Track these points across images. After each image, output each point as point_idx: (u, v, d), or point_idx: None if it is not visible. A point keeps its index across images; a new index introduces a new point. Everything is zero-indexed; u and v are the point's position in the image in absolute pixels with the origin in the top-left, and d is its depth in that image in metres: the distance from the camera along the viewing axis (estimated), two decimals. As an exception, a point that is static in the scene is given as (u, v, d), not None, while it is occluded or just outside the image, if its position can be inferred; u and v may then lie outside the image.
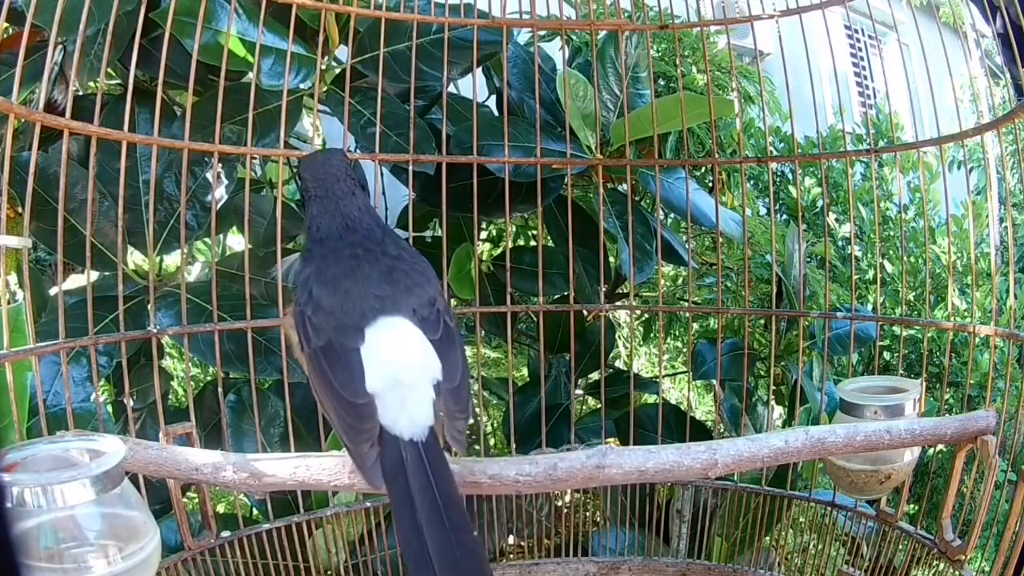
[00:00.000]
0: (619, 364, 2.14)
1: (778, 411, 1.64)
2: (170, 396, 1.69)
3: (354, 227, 0.77)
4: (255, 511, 1.21)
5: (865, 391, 0.99)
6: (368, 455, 0.65)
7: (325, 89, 1.24)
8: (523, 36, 1.55)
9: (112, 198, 1.13)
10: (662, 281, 1.77)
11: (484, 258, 1.69)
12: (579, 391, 1.63)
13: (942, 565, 0.97)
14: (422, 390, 0.67)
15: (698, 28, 1.37)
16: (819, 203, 2.09)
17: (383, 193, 1.28)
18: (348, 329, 0.69)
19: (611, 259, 1.57)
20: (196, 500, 1.02)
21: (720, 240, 1.45)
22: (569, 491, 1.42)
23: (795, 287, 1.38)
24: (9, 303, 0.83)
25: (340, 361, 0.68)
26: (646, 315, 2.03)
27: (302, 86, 1.20)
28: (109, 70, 1.26)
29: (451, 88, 1.38)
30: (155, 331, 1.00)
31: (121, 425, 1.20)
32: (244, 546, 1.02)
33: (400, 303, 0.71)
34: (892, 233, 2.12)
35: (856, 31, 4.60)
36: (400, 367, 0.68)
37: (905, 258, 1.79)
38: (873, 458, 0.96)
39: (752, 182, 2.12)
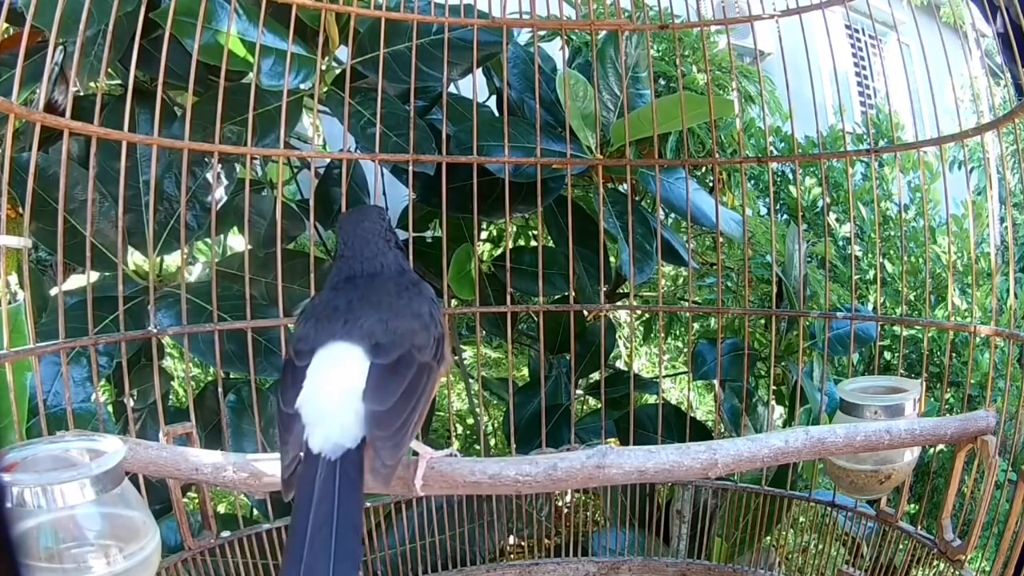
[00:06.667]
0: (619, 364, 2.14)
1: (778, 411, 1.64)
2: (170, 396, 1.70)
3: (366, 273, 0.79)
4: (255, 511, 1.21)
5: (865, 391, 0.99)
6: (287, 466, 0.68)
7: (325, 89, 1.24)
8: (523, 36, 1.55)
9: (112, 198, 1.14)
10: (662, 281, 1.77)
11: (484, 258, 1.69)
12: (579, 391, 1.63)
13: (942, 565, 0.97)
14: (339, 409, 0.68)
15: (698, 28, 1.38)
16: (819, 203, 2.09)
17: (383, 193, 1.28)
18: (304, 351, 0.73)
19: (611, 259, 1.57)
20: (196, 500, 1.02)
21: (720, 240, 1.45)
22: (569, 491, 1.43)
23: (795, 287, 1.38)
24: (9, 303, 0.83)
25: (288, 376, 0.72)
26: (646, 315, 2.03)
27: (302, 86, 1.20)
28: (109, 70, 1.26)
29: (451, 88, 1.38)
30: (155, 331, 1.00)
31: (121, 425, 1.20)
32: (244, 546, 1.02)
33: (359, 332, 0.72)
34: (892, 233, 2.12)
35: (856, 31, 4.61)
36: (321, 386, 0.70)
37: (905, 258, 1.79)
38: (873, 458, 0.96)
39: (752, 182, 2.12)
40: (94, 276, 1.19)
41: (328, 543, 0.61)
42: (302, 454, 0.67)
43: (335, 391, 0.69)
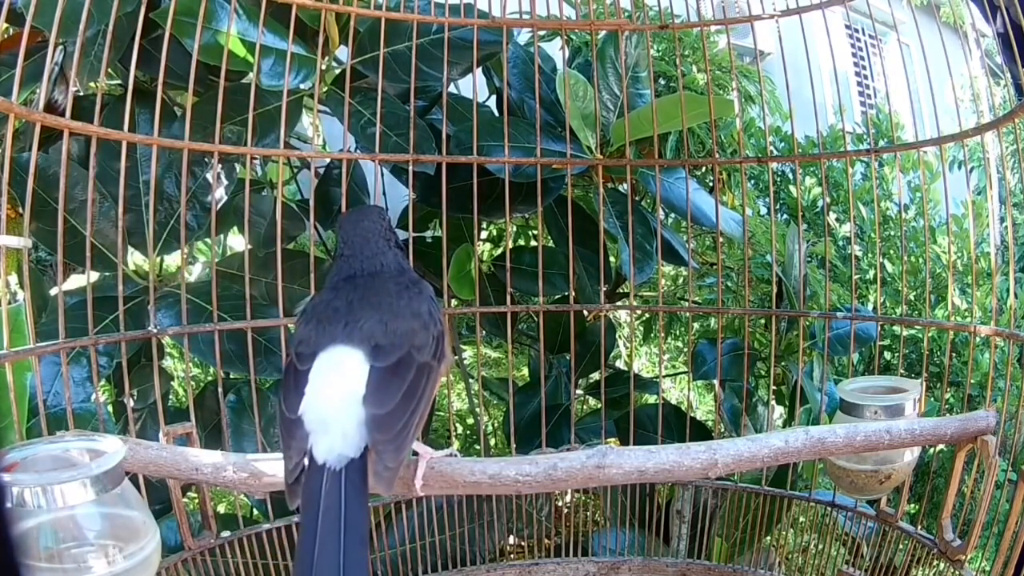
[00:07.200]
0: (619, 364, 2.14)
1: (778, 411, 1.64)
2: (170, 396, 1.70)
3: (366, 273, 0.80)
4: (255, 511, 1.21)
5: (865, 391, 0.99)
6: (291, 471, 0.67)
7: (325, 89, 1.24)
8: (523, 36, 1.55)
9: (112, 199, 1.14)
10: (662, 281, 1.77)
11: (484, 258, 1.69)
12: (579, 391, 1.63)
13: (942, 565, 0.97)
14: (341, 416, 0.68)
15: (698, 28, 1.37)
16: (819, 203, 2.09)
17: (383, 193, 1.28)
18: (305, 354, 0.72)
19: (611, 259, 1.57)
20: (196, 500, 1.02)
21: (720, 240, 1.45)
22: (569, 491, 1.43)
23: (795, 287, 1.38)
24: (9, 303, 0.83)
25: (290, 380, 0.72)
26: (646, 315, 2.02)
27: (302, 86, 1.20)
28: (109, 70, 1.26)
29: (451, 88, 1.38)
30: (155, 331, 1.00)
31: (121, 425, 1.20)
32: (244, 546, 1.02)
33: (359, 334, 0.72)
34: (892, 233, 2.12)
35: (856, 31, 4.60)
36: (323, 391, 0.69)
37: (905, 258, 1.79)
38: (873, 458, 0.96)
39: (752, 182, 2.12)
40: (94, 276, 1.19)
41: (336, 555, 0.61)
42: (306, 461, 0.67)
43: (336, 397, 0.69)
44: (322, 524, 0.63)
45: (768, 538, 1.25)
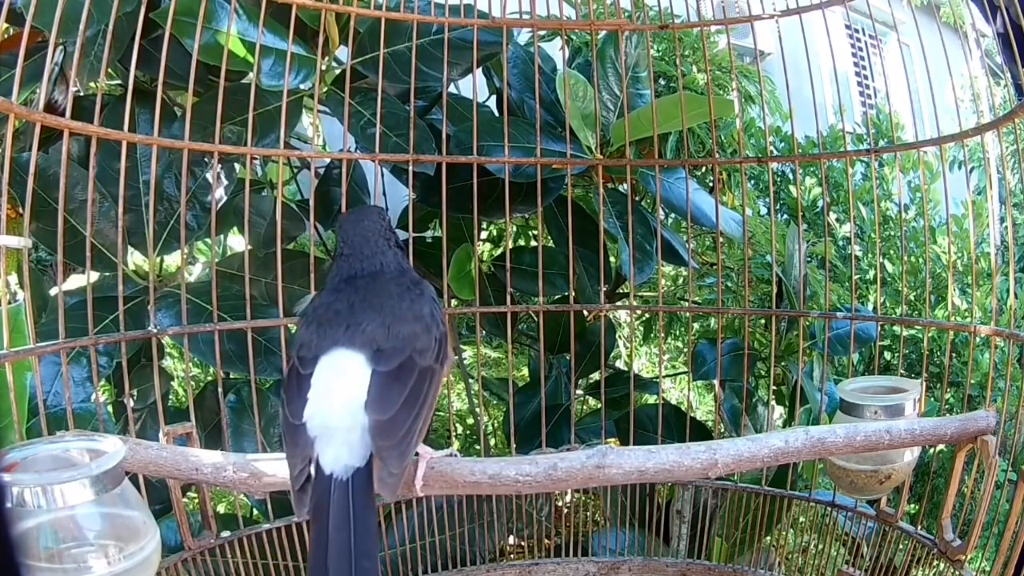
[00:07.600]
0: (619, 364, 2.14)
1: (778, 411, 1.64)
2: (170, 396, 1.70)
3: (366, 273, 0.80)
4: (255, 511, 1.21)
5: (865, 391, 0.99)
6: (297, 479, 0.67)
7: (325, 90, 1.24)
8: (523, 36, 1.55)
9: (112, 198, 1.14)
10: (662, 281, 1.77)
11: (484, 258, 1.69)
12: (579, 391, 1.63)
13: (942, 565, 0.97)
14: (345, 423, 0.68)
15: (698, 28, 1.38)
16: (819, 203, 2.09)
17: (383, 193, 1.28)
18: (307, 358, 0.72)
19: (611, 259, 1.57)
20: (196, 500, 1.02)
21: (720, 240, 1.45)
22: (569, 491, 1.43)
23: (795, 287, 1.38)
24: (9, 303, 0.83)
25: (292, 384, 0.72)
26: (646, 315, 2.02)
27: (302, 86, 1.20)
28: (109, 70, 1.26)
29: (451, 88, 1.38)
30: (155, 331, 1.00)
31: (121, 425, 1.20)
32: (244, 546, 1.02)
33: (361, 337, 0.72)
34: (892, 233, 2.12)
35: (856, 31, 4.60)
36: (325, 396, 0.69)
37: (905, 258, 1.79)
38: (873, 458, 0.96)
39: (752, 182, 2.12)
40: (94, 276, 1.19)
41: (348, 567, 0.62)
42: (312, 470, 0.67)
43: (339, 403, 0.69)
44: (332, 536, 0.63)
45: (768, 538, 1.25)
